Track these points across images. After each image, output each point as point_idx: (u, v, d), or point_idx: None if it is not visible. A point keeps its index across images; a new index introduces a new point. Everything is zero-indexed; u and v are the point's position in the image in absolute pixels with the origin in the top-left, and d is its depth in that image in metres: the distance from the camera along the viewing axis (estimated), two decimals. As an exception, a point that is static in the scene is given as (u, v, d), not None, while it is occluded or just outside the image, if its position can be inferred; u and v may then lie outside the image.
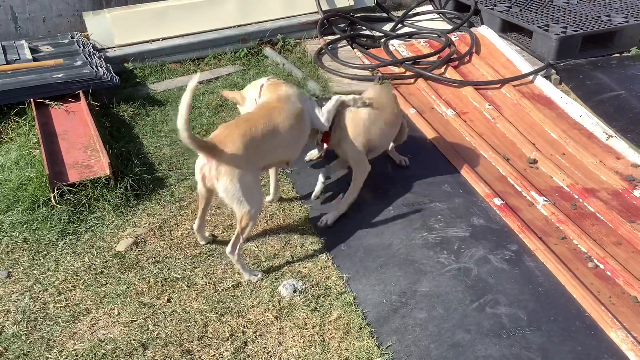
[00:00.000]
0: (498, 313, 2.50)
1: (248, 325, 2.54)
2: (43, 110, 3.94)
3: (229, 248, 2.72)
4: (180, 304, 2.64)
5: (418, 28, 5.52)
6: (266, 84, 2.97)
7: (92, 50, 4.64)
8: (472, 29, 5.36)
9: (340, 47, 5.21)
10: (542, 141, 3.89)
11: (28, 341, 2.45)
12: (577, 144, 3.82)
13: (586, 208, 3.26)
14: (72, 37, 4.87)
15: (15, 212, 3.13)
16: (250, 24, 5.25)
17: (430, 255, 2.83)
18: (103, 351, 2.40)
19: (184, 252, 2.95)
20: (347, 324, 2.53)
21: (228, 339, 2.47)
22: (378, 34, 5.45)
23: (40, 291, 2.71)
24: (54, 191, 3.13)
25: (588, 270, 2.80)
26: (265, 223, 3.15)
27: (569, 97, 4.38)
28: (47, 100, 3.99)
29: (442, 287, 2.64)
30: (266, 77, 3.06)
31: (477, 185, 3.36)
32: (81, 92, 4.05)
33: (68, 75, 4.14)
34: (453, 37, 5.18)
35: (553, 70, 4.77)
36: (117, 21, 4.92)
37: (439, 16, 5.90)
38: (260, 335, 2.50)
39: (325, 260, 2.89)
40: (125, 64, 4.78)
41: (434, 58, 4.87)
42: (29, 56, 4.43)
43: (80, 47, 4.63)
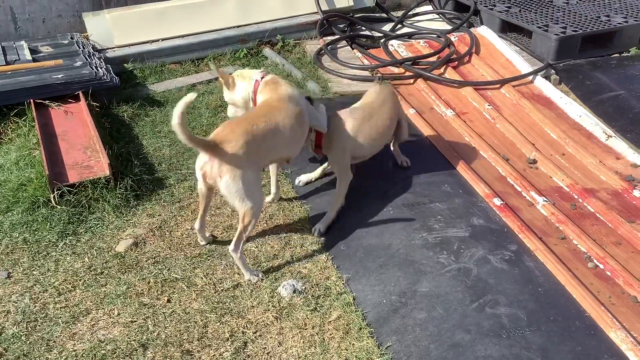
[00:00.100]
0: (498, 313, 2.50)
1: (248, 325, 2.54)
2: (43, 111, 3.94)
3: (232, 246, 2.72)
4: (180, 305, 2.64)
5: (417, 28, 5.52)
6: (264, 81, 2.94)
7: (92, 50, 4.63)
8: (472, 29, 5.36)
9: (339, 48, 5.21)
10: (542, 141, 3.89)
11: (28, 342, 2.45)
12: (577, 144, 3.82)
13: (586, 208, 3.26)
14: (72, 38, 4.86)
15: (15, 213, 3.13)
16: (249, 25, 5.25)
17: (430, 255, 2.83)
18: (103, 352, 2.40)
19: (184, 253, 2.95)
20: (347, 324, 2.53)
21: (228, 340, 2.47)
22: (377, 35, 5.45)
23: (40, 292, 2.71)
24: (54, 192, 3.13)
25: (588, 270, 2.80)
26: (265, 223, 3.15)
27: (569, 97, 4.38)
28: (47, 101, 3.99)
29: (442, 288, 2.65)
30: (259, 71, 3.02)
31: (477, 185, 3.36)
32: (81, 93, 4.05)
33: (68, 75, 4.13)
34: (452, 38, 5.18)
35: (552, 70, 4.77)
36: (117, 22, 4.92)
37: (439, 16, 5.90)
38: (260, 335, 2.50)
39: (325, 260, 2.90)
40: (125, 65, 4.78)
41: (434, 58, 4.87)
42: (29, 57, 4.42)
43: (79, 48, 4.62)
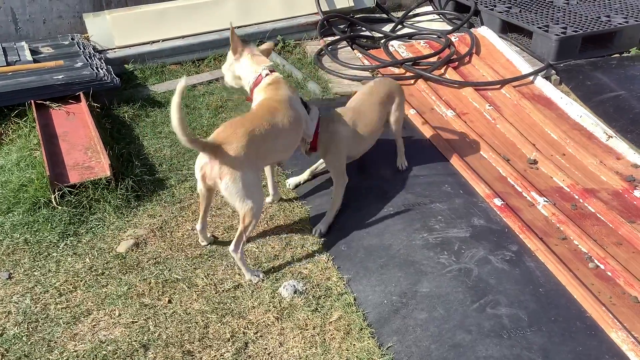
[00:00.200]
0: (499, 314, 2.50)
1: (249, 326, 2.54)
2: (43, 111, 3.95)
3: (232, 246, 2.72)
4: (181, 305, 2.65)
5: (418, 29, 5.52)
6: (267, 81, 2.89)
7: (93, 51, 4.64)
8: (472, 30, 5.36)
9: (340, 48, 5.21)
10: (542, 142, 3.89)
11: (29, 342, 2.45)
12: (577, 145, 3.82)
13: (586, 208, 3.26)
14: (73, 39, 4.87)
15: (16, 214, 3.13)
16: (250, 25, 5.25)
17: (430, 255, 2.83)
18: (104, 352, 2.40)
19: (185, 253, 2.95)
20: (348, 325, 2.53)
21: (229, 340, 2.47)
22: (378, 35, 5.46)
23: (41, 292, 2.71)
24: (55, 192, 3.13)
25: (589, 270, 2.80)
26: (265, 224, 3.15)
27: (569, 98, 4.38)
28: (48, 101, 4.00)
29: (443, 288, 2.65)
30: (267, 65, 2.94)
31: (478, 185, 3.36)
32: (82, 94, 4.05)
33: (68, 76, 4.14)
34: (453, 38, 5.18)
35: (553, 70, 4.78)
36: (117, 22, 4.93)
37: (439, 17, 5.91)
38: (261, 336, 2.50)
39: (325, 261, 2.90)
40: (125, 66, 4.78)
41: (434, 59, 4.87)
42: (30, 58, 4.43)
43: (80, 49, 4.63)
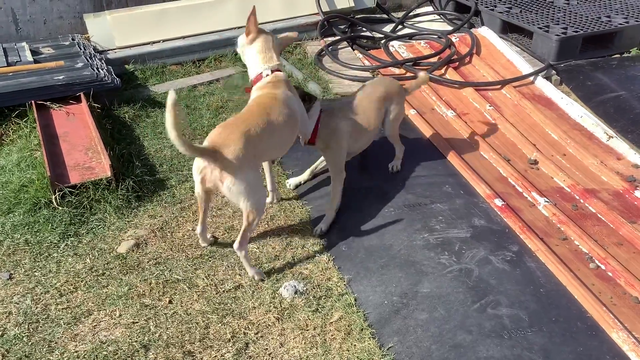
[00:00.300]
0: (499, 314, 2.50)
1: (249, 326, 2.54)
2: (44, 112, 3.95)
3: (237, 244, 2.72)
4: (181, 306, 2.65)
5: (418, 29, 5.52)
6: (267, 81, 2.89)
7: (93, 52, 4.64)
8: (473, 30, 5.36)
9: (340, 49, 5.22)
10: (543, 142, 3.89)
11: (30, 343, 2.45)
12: (578, 145, 3.82)
13: (587, 209, 3.26)
14: (73, 39, 4.87)
15: (16, 214, 3.13)
16: (250, 26, 5.25)
17: (431, 256, 2.83)
18: (105, 353, 2.40)
19: (185, 254, 2.95)
20: (349, 325, 2.53)
21: (229, 341, 2.47)
22: (378, 35, 5.46)
23: (41, 293, 2.71)
24: (56, 193, 3.13)
25: (589, 271, 2.80)
26: (266, 224, 3.15)
27: (570, 98, 4.38)
28: (48, 102, 3.99)
29: (444, 288, 2.65)
30: (269, 67, 2.92)
31: (478, 186, 3.36)
32: (82, 94, 4.05)
33: (69, 77, 4.14)
34: (453, 38, 5.18)
35: (553, 71, 4.77)
36: (118, 23, 4.93)
37: (439, 17, 5.91)
38: (261, 336, 2.50)
39: (326, 261, 2.90)
40: (126, 66, 4.78)
41: (435, 59, 4.87)
42: (30, 58, 4.43)
43: (81, 49, 4.63)
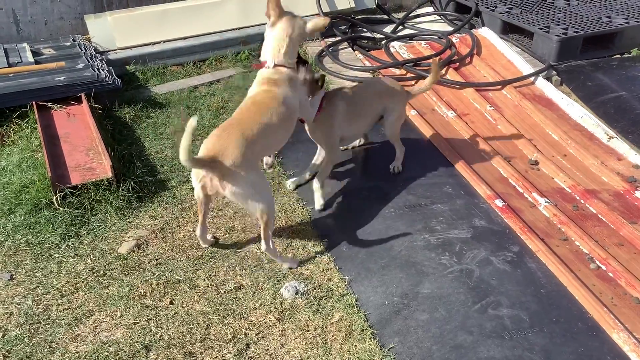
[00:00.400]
0: (500, 315, 2.50)
1: (250, 327, 2.54)
2: (45, 113, 3.95)
3: (264, 245, 2.77)
4: (182, 306, 2.65)
5: (419, 30, 5.52)
6: (267, 74, 2.87)
7: (94, 52, 4.65)
8: (473, 31, 5.36)
9: (341, 49, 5.22)
10: (544, 142, 3.89)
11: (31, 344, 2.46)
12: (578, 145, 3.82)
13: (588, 209, 3.26)
14: (74, 40, 4.87)
15: (17, 215, 3.13)
16: (251, 26, 5.25)
17: (432, 256, 2.83)
18: (106, 353, 2.40)
19: (186, 255, 2.95)
20: (349, 326, 2.53)
21: (230, 341, 2.47)
22: (379, 36, 5.46)
23: (42, 294, 2.71)
24: (57, 194, 3.13)
25: (590, 271, 2.80)
26: (267, 225, 3.16)
27: (570, 99, 4.38)
28: (49, 103, 4.00)
29: (444, 289, 2.65)
30: (273, 61, 2.88)
31: (479, 186, 3.36)
32: (83, 95, 4.05)
33: (70, 78, 4.14)
34: (454, 39, 5.18)
35: (554, 71, 4.77)
36: (119, 24, 4.93)
37: (440, 18, 5.91)
38: (262, 337, 2.50)
39: (327, 262, 2.90)
40: (127, 67, 4.79)
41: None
42: (31, 59, 4.44)
43: (82, 50, 4.63)
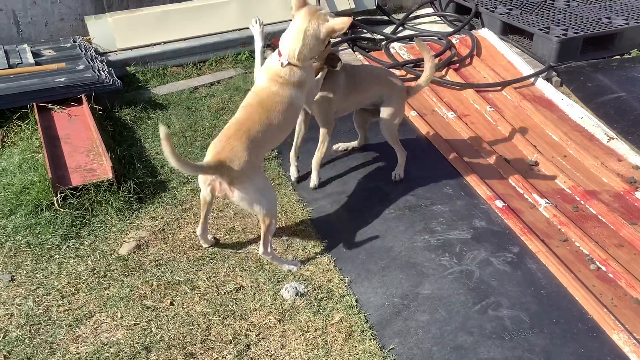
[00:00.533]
0: (500, 315, 2.50)
1: (251, 328, 2.54)
2: (45, 114, 3.95)
3: (262, 249, 2.79)
4: (183, 307, 2.65)
5: (419, 31, 5.52)
6: (277, 72, 2.78)
7: (94, 54, 4.65)
8: (473, 32, 5.36)
9: (341, 50, 5.22)
10: (544, 143, 3.90)
11: (31, 345, 2.46)
12: (579, 146, 3.82)
13: (588, 210, 3.26)
14: (74, 41, 4.87)
15: (18, 216, 3.14)
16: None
17: (432, 257, 2.83)
18: (106, 354, 2.40)
19: (187, 255, 2.96)
20: (350, 327, 2.53)
21: (231, 342, 2.48)
22: (379, 37, 5.46)
23: (43, 295, 2.72)
24: (57, 195, 3.14)
25: (590, 272, 2.80)
26: (267, 226, 3.16)
27: (570, 99, 4.38)
28: (50, 104, 4.00)
29: (444, 290, 2.65)
30: (291, 61, 2.76)
31: (479, 187, 3.36)
32: (83, 96, 4.06)
33: (70, 79, 4.14)
34: (454, 40, 5.18)
35: (554, 72, 4.78)
36: (119, 25, 4.94)
37: (440, 19, 5.91)
38: (263, 338, 2.50)
39: (327, 263, 2.90)
40: (127, 68, 4.79)
41: (435, 60, 4.87)
42: (31, 60, 4.44)
43: (82, 51, 4.64)
